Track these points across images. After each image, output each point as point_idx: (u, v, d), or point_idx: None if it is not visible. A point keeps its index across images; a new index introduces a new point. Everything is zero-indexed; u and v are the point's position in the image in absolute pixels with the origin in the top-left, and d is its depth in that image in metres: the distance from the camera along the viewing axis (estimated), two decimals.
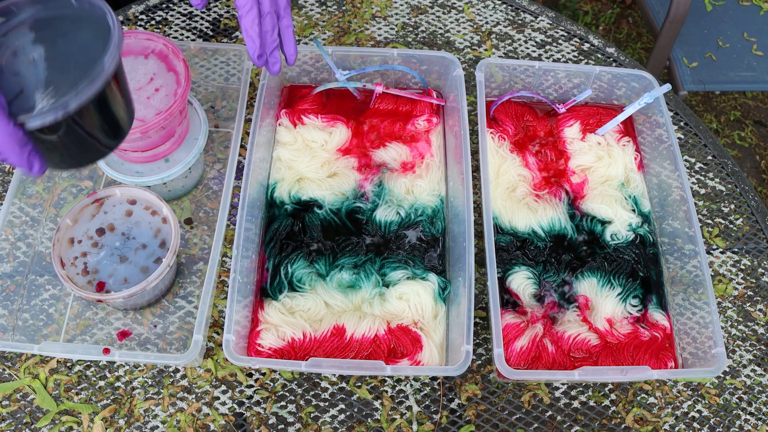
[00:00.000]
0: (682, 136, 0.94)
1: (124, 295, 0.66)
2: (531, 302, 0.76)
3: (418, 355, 0.71)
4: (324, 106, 0.87)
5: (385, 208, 0.80)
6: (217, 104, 0.89)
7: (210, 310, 0.72)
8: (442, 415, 0.73)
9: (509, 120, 0.88)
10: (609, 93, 0.90)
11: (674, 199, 0.80)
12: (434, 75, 0.88)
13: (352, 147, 0.85)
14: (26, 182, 0.80)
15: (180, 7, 1.00)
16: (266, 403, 0.73)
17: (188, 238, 0.80)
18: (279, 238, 0.78)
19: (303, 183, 0.81)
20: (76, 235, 0.71)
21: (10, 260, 0.76)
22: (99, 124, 0.53)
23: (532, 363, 0.72)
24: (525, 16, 1.04)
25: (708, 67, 1.39)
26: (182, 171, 0.76)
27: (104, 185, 0.82)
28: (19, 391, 0.72)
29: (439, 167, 0.84)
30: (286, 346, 0.71)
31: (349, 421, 0.72)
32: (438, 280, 0.76)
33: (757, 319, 0.81)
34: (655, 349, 0.74)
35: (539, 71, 0.87)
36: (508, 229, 0.80)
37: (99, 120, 0.53)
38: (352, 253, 0.77)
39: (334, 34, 0.99)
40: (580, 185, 0.85)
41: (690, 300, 0.75)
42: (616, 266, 0.79)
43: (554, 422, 0.73)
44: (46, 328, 0.74)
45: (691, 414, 0.75)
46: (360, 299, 0.75)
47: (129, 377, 0.73)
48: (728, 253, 0.86)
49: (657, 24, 1.42)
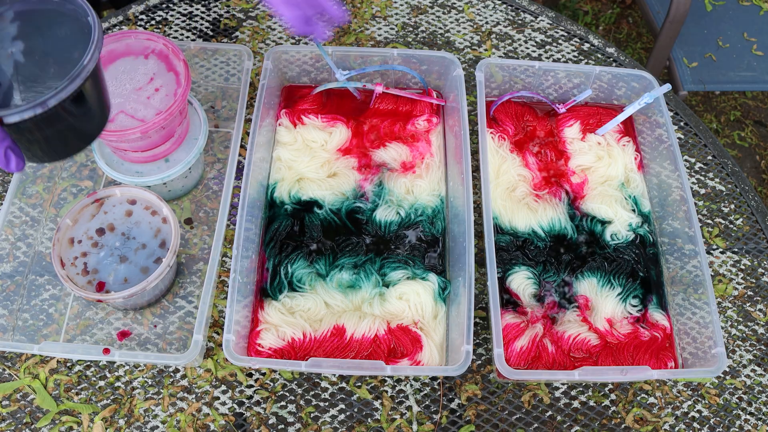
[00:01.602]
0: (682, 136, 0.94)
1: (124, 295, 0.66)
2: (531, 302, 0.76)
3: (418, 355, 0.71)
4: (324, 106, 0.87)
5: (385, 208, 0.80)
6: (217, 104, 0.89)
7: (210, 310, 0.72)
8: (442, 415, 0.73)
9: (509, 120, 0.88)
10: (609, 93, 0.90)
11: (674, 199, 0.80)
12: (434, 75, 0.88)
13: (352, 147, 0.85)
14: (26, 182, 0.80)
15: (180, 7, 1.00)
16: (266, 403, 0.73)
17: (188, 238, 0.80)
18: (279, 238, 0.78)
19: (303, 183, 0.81)
20: (76, 235, 0.71)
21: (10, 260, 0.76)
22: (79, 118, 0.53)
23: (532, 363, 0.72)
24: (525, 16, 1.04)
25: (708, 67, 1.39)
26: (182, 171, 0.76)
27: (104, 185, 0.82)
28: (19, 391, 0.72)
29: (439, 167, 0.84)
30: (286, 346, 0.71)
31: (349, 421, 0.72)
32: (438, 280, 0.76)
33: (757, 319, 0.81)
34: (655, 349, 0.74)
35: (539, 71, 0.87)
36: (508, 229, 0.80)
37: (79, 114, 0.53)
38: (352, 253, 0.77)
39: (334, 34, 0.99)
40: (580, 185, 0.85)
41: (690, 300, 0.75)
42: (616, 266, 0.79)
43: (554, 422, 0.73)
44: (46, 328, 0.74)
45: (691, 414, 0.75)
46: (360, 299, 0.75)
47: (129, 377, 0.73)
48: (728, 253, 0.86)
49: (657, 24, 1.42)
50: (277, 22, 0.99)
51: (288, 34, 0.98)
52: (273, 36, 0.98)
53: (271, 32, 0.98)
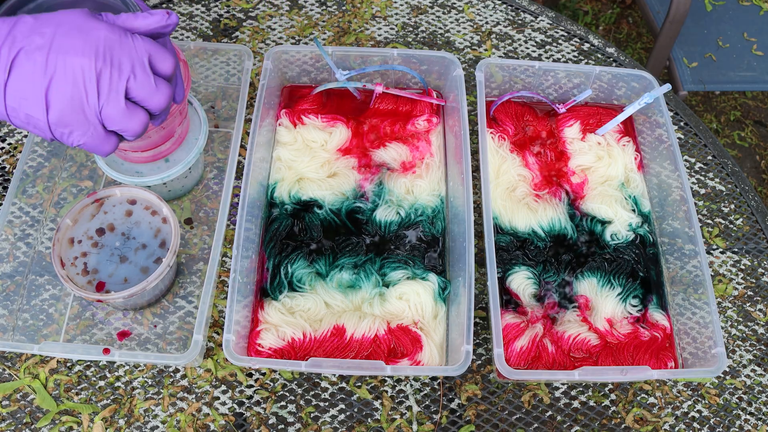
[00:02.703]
0: (682, 136, 0.94)
1: (124, 295, 0.66)
2: (531, 302, 0.76)
3: (418, 355, 0.71)
4: (324, 106, 0.87)
5: (385, 208, 0.80)
6: (217, 104, 0.89)
7: (210, 310, 0.72)
8: (442, 415, 0.73)
9: (509, 120, 0.88)
10: (609, 93, 0.90)
11: (674, 199, 0.80)
12: (434, 75, 0.88)
13: (352, 147, 0.85)
14: (26, 182, 0.80)
15: (180, 7, 1.00)
16: (266, 403, 0.73)
17: (188, 238, 0.80)
18: (279, 238, 0.78)
19: (303, 183, 0.81)
20: (76, 235, 0.71)
21: (10, 260, 0.76)
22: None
23: (532, 363, 0.72)
24: (525, 16, 1.04)
25: (708, 67, 1.39)
26: (182, 171, 0.76)
27: (104, 185, 0.82)
28: (19, 391, 0.72)
29: (439, 167, 0.84)
30: (286, 346, 0.71)
31: (349, 421, 0.72)
32: (438, 280, 0.76)
33: (757, 319, 0.81)
34: (655, 349, 0.74)
35: (539, 71, 0.87)
36: (508, 229, 0.80)
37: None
38: (352, 253, 0.77)
39: (334, 34, 0.99)
40: (580, 185, 0.85)
41: (690, 300, 0.75)
42: (616, 266, 0.79)
43: (554, 422, 0.73)
44: (46, 328, 0.74)
45: (691, 414, 0.75)
46: (360, 299, 0.75)
47: (129, 377, 0.73)
48: (728, 253, 0.86)
49: (657, 24, 1.42)
50: (277, 22, 0.99)
51: (288, 34, 0.98)
52: (273, 36, 0.98)
53: (271, 32, 0.98)
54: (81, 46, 0.49)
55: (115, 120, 0.51)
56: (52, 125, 0.50)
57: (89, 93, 0.49)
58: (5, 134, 0.87)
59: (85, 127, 0.51)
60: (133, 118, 0.52)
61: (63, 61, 0.48)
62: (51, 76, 0.48)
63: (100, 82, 0.50)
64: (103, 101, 0.50)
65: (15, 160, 0.85)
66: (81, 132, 0.51)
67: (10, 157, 0.85)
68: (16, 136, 0.87)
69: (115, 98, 0.50)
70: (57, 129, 0.50)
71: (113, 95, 0.50)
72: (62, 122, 0.50)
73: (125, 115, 0.52)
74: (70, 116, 0.50)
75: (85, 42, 0.49)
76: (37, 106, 0.49)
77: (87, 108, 0.50)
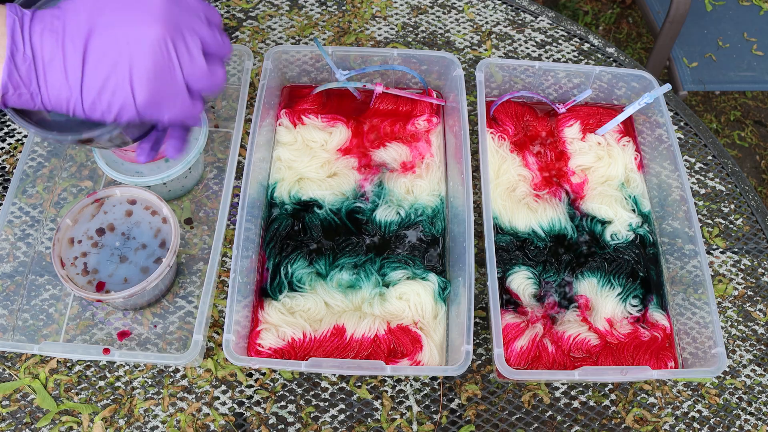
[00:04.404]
0: (682, 136, 0.94)
1: (124, 295, 0.66)
2: (531, 302, 0.76)
3: (418, 355, 0.71)
4: (324, 106, 0.87)
5: (385, 208, 0.80)
6: (217, 104, 0.89)
7: (210, 310, 0.72)
8: (442, 415, 0.73)
9: (509, 120, 0.88)
10: (609, 93, 0.90)
11: (674, 199, 0.80)
12: (434, 75, 0.88)
13: (352, 147, 0.85)
14: (26, 182, 0.80)
15: None
16: (266, 403, 0.73)
17: (188, 238, 0.80)
18: (279, 238, 0.78)
19: (303, 183, 0.81)
20: (76, 235, 0.71)
21: (10, 260, 0.76)
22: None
23: (532, 363, 0.72)
24: (525, 16, 1.04)
25: (708, 67, 1.39)
26: (182, 171, 0.76)
27: (104, 185, 0.82)
28: (19, 391, 0.72)
29: (439, 167, 0.84)
30: (286, 346, 0.71)
31: (349, 421, 0.72)
32: (438, 280, 0.76)
33: (757, 319, 0.81)
34: (655, 349, 0.74)
35: (539, 71, 0.87)
36: (508, 229, 0.80)
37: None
38: (352, 253, 0.77)
39: (334, 34, 0.99)
40: (580, 185, 0.85)
41: (690, 300, 0.75)
42: (616, 266, 0.79)
43: (554, 422, 0.74)
44: (46, 328, 0.74)
45: (691, 414, 0.75)
46: (360, 299, 0.75)
47: (129, 377, 0.73)
48: (728, 253, 0.86)
49: (657, 24, 1.42)
50: (277, 22, 0.99)
51: (288, 34, 0.98)
52: (273, 36, 0.98)
53: (271, 32, 0.98)
54: (146, 17, 0.47)
55: (200, 80, 0.50)
56: (141, 107, 0.48)
57: (172, 60, 0.48)
58: (5, 134, 0.87)
59: (174, 98, 0.50)
60: (215, 73, 0.51)
61: (135, 35, 0.46)
62: (130, 53, 0.46)
63: (177, 46, 0.48)
64: (186, 64, 0.49)
65: (15, 160, 0.85)
66: (170, 103, 0.50)
67: (10, 157, 0.85)
68: (16, 136, 0.87)
69: (197, 57, 0.49)
70: (146, 110, 0.49)
71: (195, 55, 0.49)
72: (152, 100, 0.48)
73: (208, 73, 0.50)
74: (159, 90, 0.48)
75: (148, 11, 0.47)
76: (123, 90, 0.47)
77: (174, 76, 0.48)
